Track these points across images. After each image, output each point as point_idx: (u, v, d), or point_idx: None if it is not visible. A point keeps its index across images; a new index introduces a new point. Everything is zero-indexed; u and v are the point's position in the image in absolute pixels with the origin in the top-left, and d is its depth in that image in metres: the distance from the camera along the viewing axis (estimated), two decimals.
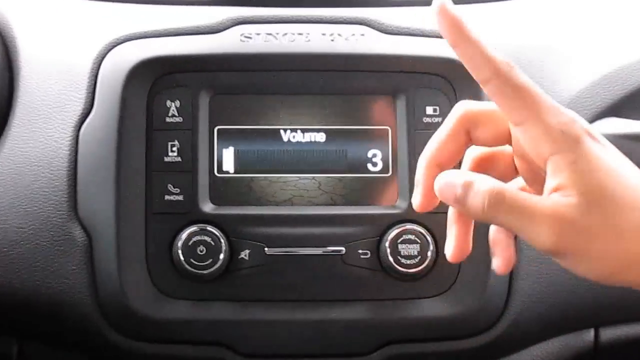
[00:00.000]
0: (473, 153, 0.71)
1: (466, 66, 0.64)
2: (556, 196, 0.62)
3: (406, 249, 0.91)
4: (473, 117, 0.68)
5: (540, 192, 0.65)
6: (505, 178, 0.69)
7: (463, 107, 0.69)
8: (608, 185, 0.62)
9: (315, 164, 0.94)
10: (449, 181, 0.66)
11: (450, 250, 0.71)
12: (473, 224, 0.71)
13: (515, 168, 0.70)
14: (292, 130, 0.94)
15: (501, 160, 0.70)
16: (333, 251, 0.92)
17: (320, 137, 0.94)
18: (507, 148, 0.70)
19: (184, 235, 0.91)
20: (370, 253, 0.92)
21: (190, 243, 0.90)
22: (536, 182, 0.67)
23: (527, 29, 1.02)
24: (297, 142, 0.94)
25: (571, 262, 0.64)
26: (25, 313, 0.93)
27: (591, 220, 0.62)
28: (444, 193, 0.67)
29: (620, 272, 0.63)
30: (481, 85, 0.64)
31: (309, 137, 0.94)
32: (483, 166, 0.70)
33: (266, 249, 0.91)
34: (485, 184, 0.64)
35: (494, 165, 0.70)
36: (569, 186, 0.62)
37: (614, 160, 0.64)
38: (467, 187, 0.65)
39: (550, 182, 0.63)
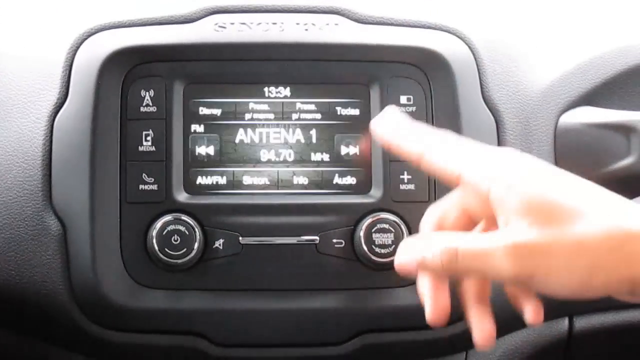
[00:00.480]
0: (429, 220, 0.75)
1: (402, 156, 0.73)
2: (507, 227, 0.64)
3: (380, 238, 0.91)
4: (440, 217, 0.74)
5: None
6: (467, 228, 0.73)
7: (434, 212, 0.74)
8: (552, 197, 0.63)
9: (290, 154, 0.94)
10: (407, 253, 0.70)
11: (429, 312, 0.72)
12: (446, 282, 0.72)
13: (468, 220, 0.73)
14: (266, 119, 0.94)
15: (452, 214, 0.73)
16: (307, 240, 0.92)
17: (295, 126, 0.94)
18: (453, 201, 0.73)
19: (158, 224, 0.91)
20: (345, 242, 0.92)
21: (164, 232, 0.90)
22: (494, 224, 0.69)
23: (503, 19, 1.02)
24: (272, 131, 0.94)
25: (541, 284, 0.64)
26: None
27: (546, 236, 0.63)
28: (406, 267, 0.70)
29: (588, 281, 0.63)
30: (418, 166, 0.72)
31: (284, 126, 0.94)
32: (440, 225, 0.74)
33: (240, 238, 0.91)
34: (437, 245, 0.67)
35: (447, 221, 0.73)
36: (514, 212, 0.64)
37: (552, 173, 0.66)
38: (422, 253, 0.68)
39: (500, 218, 0.65)
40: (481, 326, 0.72)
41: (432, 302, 0.71)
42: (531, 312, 0.69)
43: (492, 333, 0.71)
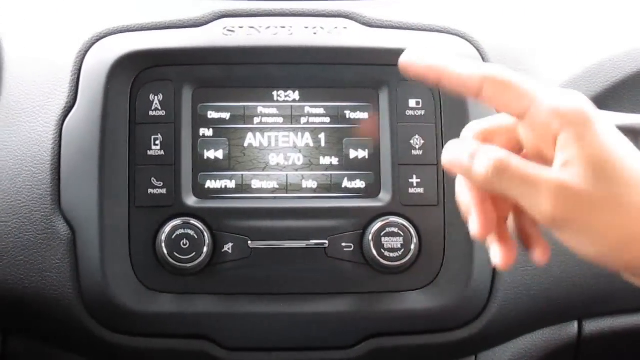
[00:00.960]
0: (474, 127, 0.70)
1: (460, 91, 0.66)
2: (563, 168, 0.63)
3: (389, 241, 0.91)
4: (486, 133, 0.69)
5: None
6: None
7: (475, 127, 0.70)
8: (616, 161, 0.62)
9: (299, 157, 0.94)
10: (456, 151, 0.67)
11: (477, 224, 0.68)
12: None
13: (515, 146, 0.69)
14: (275, 123, 0.94)
15: (501, 136, 0.69)
16: (316, 244, 0.92)
17: (304, 130, 0.94)
18: (506, 123, 0.69)
19: (168, 228, 0.91)
20: (354, 246, 0.92)
21: (173, 236, 0.90)
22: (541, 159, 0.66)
23: (511, 22, 1.02)
24: (281, 135, 0.94)
25: (571, 235, 0.64)
26: (8, 307, 0.93)
27: (595, 193, 0.62)
28: (452, 162, 0.67)
29: (619, 249, 0.63)
30: (477, 99, 0.65)
31: (292, 130, 0.94)
32: (486, 139, 0.69)
33: (250, 242, 0.91)
34: (491, 151, 0.64)
35: (493, 140, 0.69)
36: (576, 158, 0.62)
37: (620, 140, 0.65)
38: (473, 155, 0.65)
39: (559, 157, 0.63)
40: (500, 247, 0.68)
41: (478, 212, 0.67)
42: (540, 252, 0.68)
43: (513, 255, 0.68)
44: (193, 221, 0.91)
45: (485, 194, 0.68)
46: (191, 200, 0.92)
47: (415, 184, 0.93)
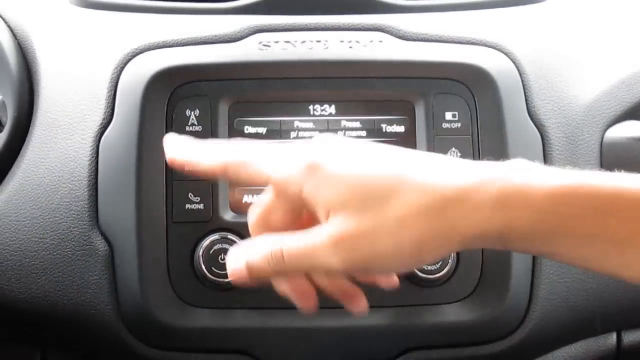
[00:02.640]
0: (251, 219, 0.72)
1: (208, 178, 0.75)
2: (326, 222, 0.63)
3: None
4: (265, 215, 0.70)
5: None
6: (295, 221, 0.70)
7: (252, 217, 0.72)
8: (362, 182, 0.62)
9: None
10: (231, 266, 0.70)
11: (301, 305, 0.72)
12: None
13: (295, 210, 0.69)
14: (312, 138, 0.94)
15: (277, 210, 0.70)
16: None
17: None
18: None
19: (205, 243, 0.91)
20: None
21: (211, 251, 0.91)
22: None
23: (547, 34, 1.02)
24: None
25: (373, 268, 0.65)
26: (47, 323, 0.94)
27: (365, 223, 0.62)
28: (237, 276, 0.69)
29: (420, 252, 0.62)
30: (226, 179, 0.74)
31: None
32: (267, 223, 0.70)
33: None
34: (262, 248, 0.67)
35: (271, 218, 0.70)
36: (329, 205, 0.63)
37: (361, 156, 0.65)
38: (248, 258, 0.68)
39: (319, 213, 0.64)
40: (352, 300, 0.73)
41: (296, 295, 0.71)
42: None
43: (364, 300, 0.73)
44: (230, 236, 0.91)
45: (292, 277, 0.69)
46: (228, 215, 0.92)
47: None
